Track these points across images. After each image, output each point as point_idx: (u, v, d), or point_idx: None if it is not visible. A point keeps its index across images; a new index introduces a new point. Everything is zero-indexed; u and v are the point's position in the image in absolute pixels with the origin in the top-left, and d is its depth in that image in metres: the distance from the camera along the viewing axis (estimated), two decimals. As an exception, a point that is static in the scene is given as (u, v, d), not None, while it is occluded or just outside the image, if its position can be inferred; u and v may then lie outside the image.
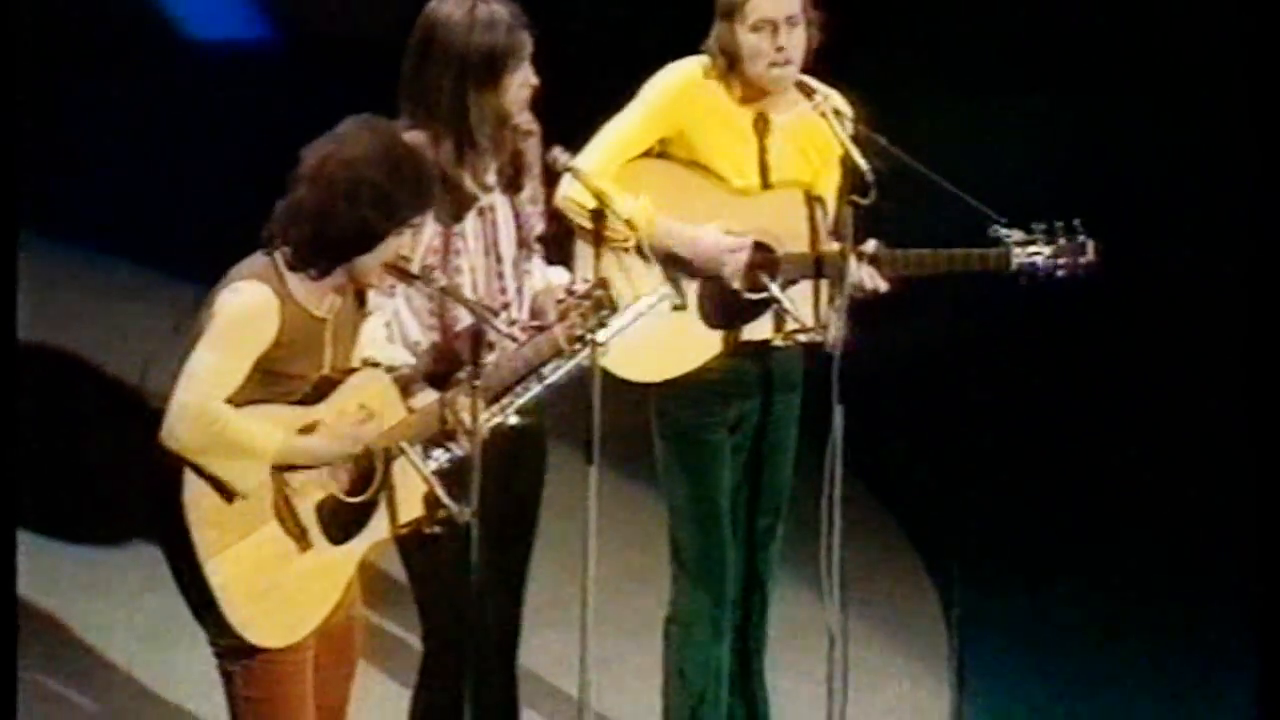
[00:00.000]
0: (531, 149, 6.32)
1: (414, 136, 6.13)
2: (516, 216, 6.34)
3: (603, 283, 6.09)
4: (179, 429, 5.63)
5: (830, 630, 6.66)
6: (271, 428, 5.67)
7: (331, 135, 5.77)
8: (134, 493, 5.99)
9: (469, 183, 6.24)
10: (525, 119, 6.29)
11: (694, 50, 6.63)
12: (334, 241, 5.72)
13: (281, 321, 5.71)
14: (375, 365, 5.91)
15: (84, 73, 10.88)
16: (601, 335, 6.07)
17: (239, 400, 5.67)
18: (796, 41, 6.53)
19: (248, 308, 5.70)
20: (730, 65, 6.57)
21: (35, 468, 8.24)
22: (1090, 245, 6.70)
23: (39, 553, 7.92)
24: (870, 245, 6.60)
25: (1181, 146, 10.20)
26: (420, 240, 6.13)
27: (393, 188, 5.72)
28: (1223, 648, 7.67)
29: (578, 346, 6.06)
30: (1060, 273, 6.69)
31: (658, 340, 6.50)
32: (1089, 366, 9.17)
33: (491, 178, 6.29)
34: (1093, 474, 8.76)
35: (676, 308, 6.40)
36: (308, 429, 5.73)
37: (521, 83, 6.21)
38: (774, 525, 6.77)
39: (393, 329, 6.18)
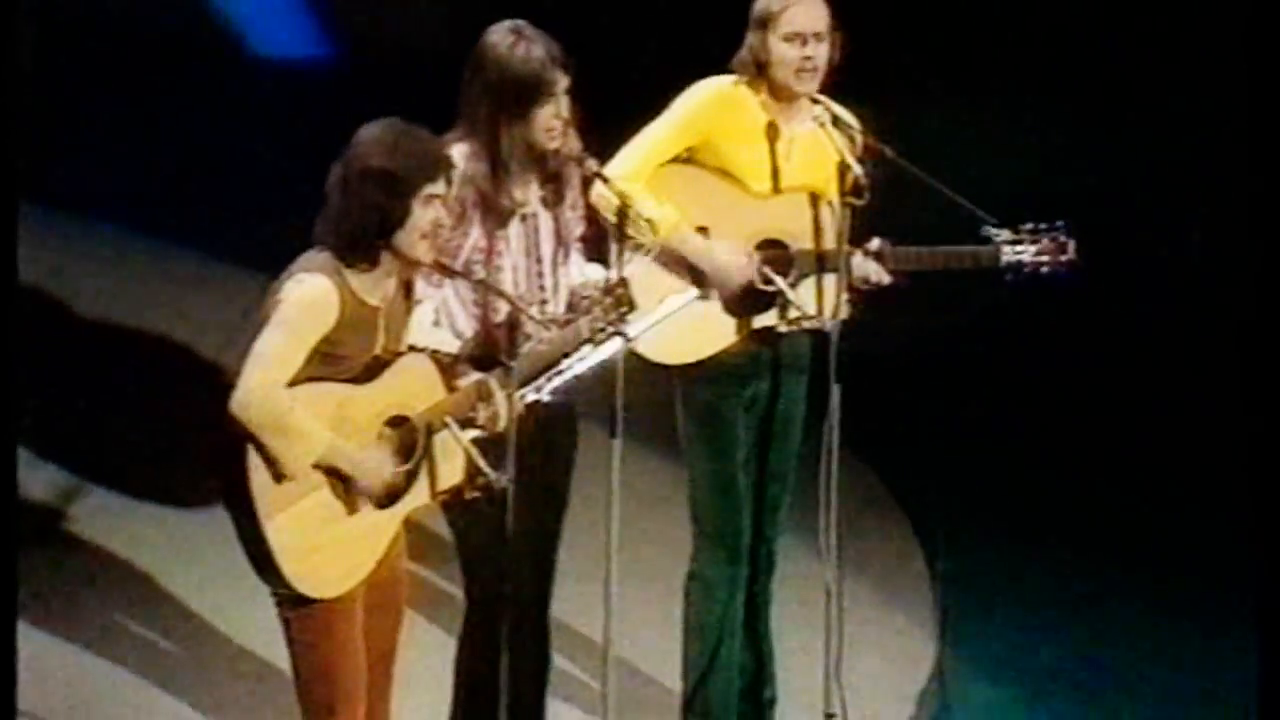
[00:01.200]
0: (573, 170, 6.27)
1: (459, 148, 6.13)
2: (556, 221, 6.30)
3: (622, 281, 6.08)
4: (246, 404, 5.61)
5: (828, 586, 6.65)
6: (318, 431, 5.64)
7: (349, 144, 5.78)
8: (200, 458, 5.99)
9: (504, 199, 6.20)
10: (573, 147, 6.23)
11: (714, 68, 6.60)
12: (362, 229, 5.71)
13: (340, 309, 5.70)
14: (422, 350, 5.89)
15: (156, 87, 10.88)
16: (636, 329, 6.10)
17: (300, 376, 5.65)
18: (821, 54, 6.53)
19: (310, 297, 5.68)
20: (759, 71, 6.56)
21: (127, 436, 8.27)
22: (1071, 244, 6.69)
23: (125, 511, 7.95)
24: (875, 243, 6.61)
25: (1176, 154, 10.20)
26: (467, 240, 6.12)
27: (395, 166, 5.70)
28: (1207, 599, 7.67)
29: (600, 337, 6.04)
30: (1044, 268, 6.69)
31: (682, 328, 6.52)
32: (1069, 347, 9.16)
33: (531, 195, 6.25)
34: (1070, 441, 8.74)
35: (701, 298, 6.46)
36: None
37: (552, 115, 6.15)
38: (782, 492, 6.76)
39: (440, 316, 6.15)
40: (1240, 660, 6.79)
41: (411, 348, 5.87)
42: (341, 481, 5.71)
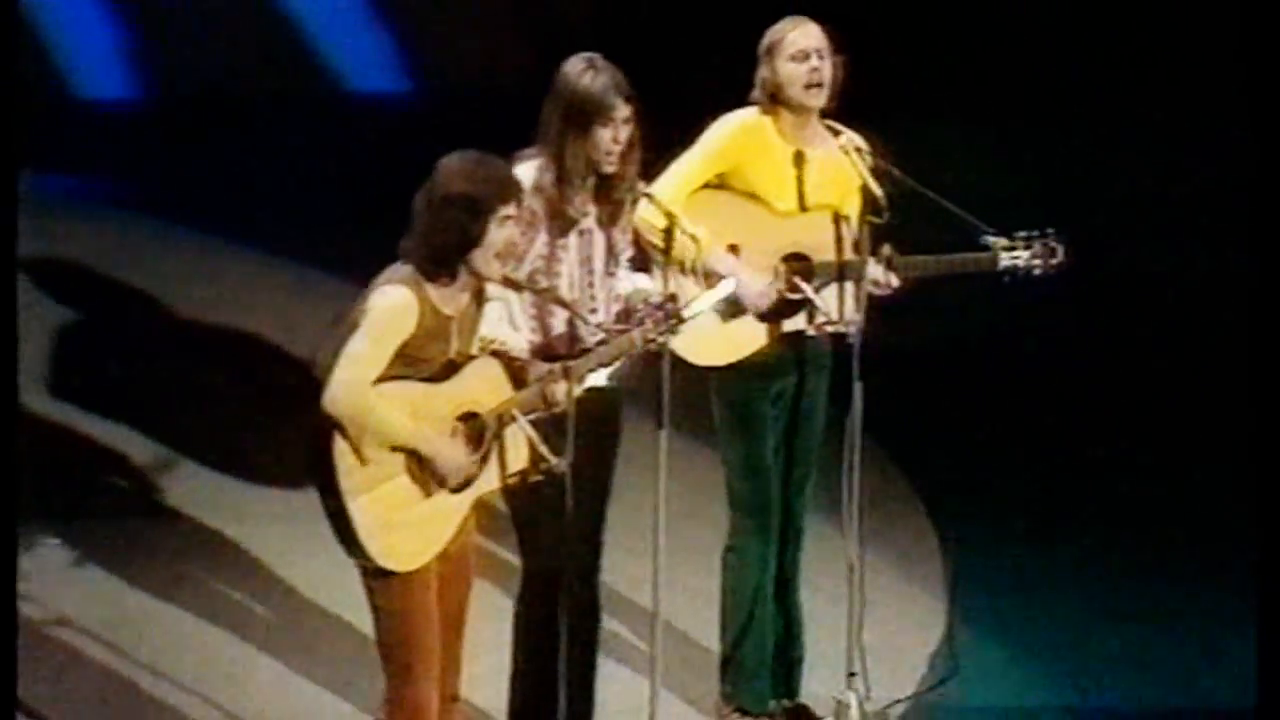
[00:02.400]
0: (628, 197, 6.27)
1: (533, 162, 6.15)
2: (608, 239, 6.30)
3: (673, 297, 6.10)
4: (337, 398, 5.64)
5: (850, 559, 6.67)
6: (401, 420, 5.66)
7: (432, 172, 5.79)
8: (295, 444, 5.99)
9: (568, 208, 6.20)
10: (630, 172, 6.22)
11: (742, 100, 6.61)
12: (443, 247, 5.73)
13: (419, 318, 5.72)
14: (493, 342, 5.91)
15: (269, 120, 10.91)
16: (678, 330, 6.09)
17: (384, 376, 5.68)
18: (825, 69, 6.51)
19: (393, 306, 5.71)
20: (774, 97, 6.55)
21: (231, 424, 8.28)
22: (1060, 249, 6.68)
23: (226, 490, 7.96)
24: (885, 250, 6.60)
25: (1175, 168, 10.16)
26: (534, 246, 6.13)
27: (473, 191, 5.71)
28: (1204, 566, 7.61)
29: (651, 347, 6.05)
30: (1036, 271, 6.68)
31: (717, 332, 6.53)
32: (1070, 342, 9.13)
33: (590, 211, 6.25)
34: (1073, 425, 8.70)
35: (733, 309, 6.47)
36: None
37: (611, 139, 6.16)
38: (807, 476, 6.76)
39: (507, 314, 6.15)
40: (1239, 623, 6.71)
41: (485, 342, 5.89)
42: (420, 468, 5.72)
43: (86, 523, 7.72)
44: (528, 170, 6.15)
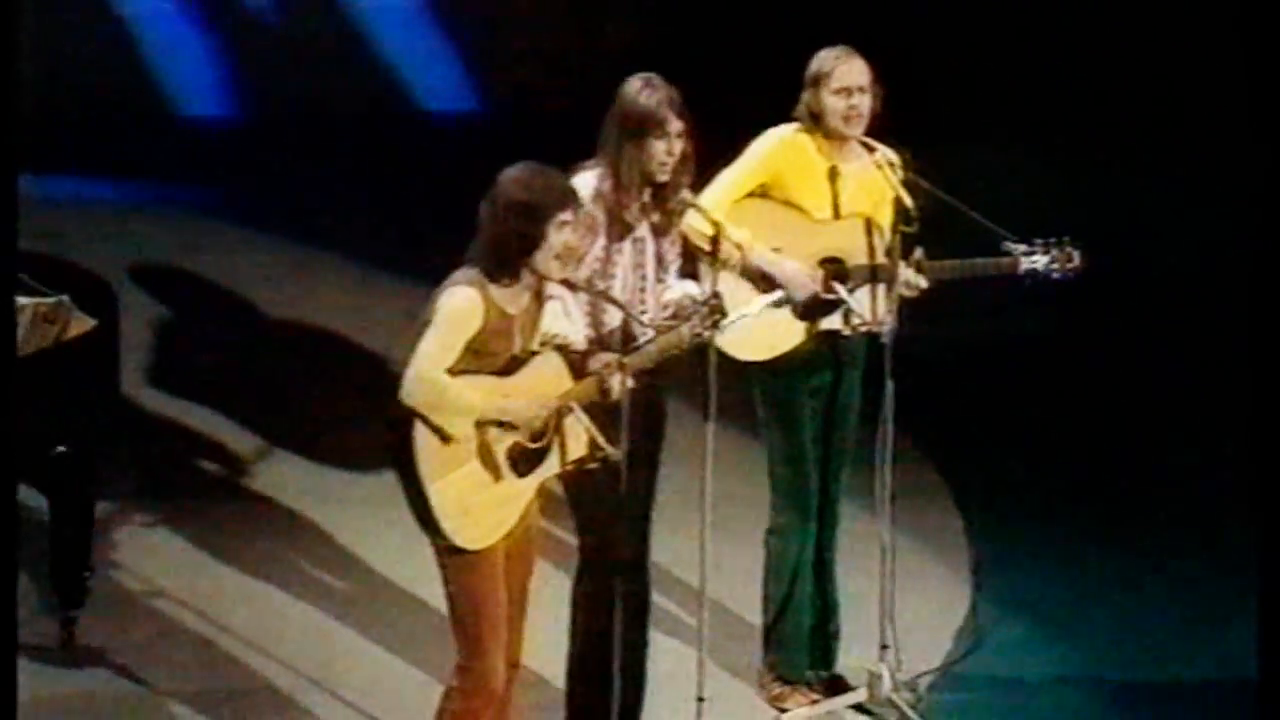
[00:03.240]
0: (679, 210, 6.28)
1: (594, 171, 6.16)
2: (659, 248, 6.31)
3: (716, 295, 6.09)
4: (412, 390, 5.67)
5: (883, 542, 6.68)
6: (476, 394, 5.69)
7: (494, 182, 5.81)
8: (374, 433, 6.00)
9: (625, 214, 6.21)
10: (682, 184, 6.23)
11: (784, 117, 6.61)
12: (505, 251, 5.74)
13: (485, 317, 5.74)
14: (555, 337, 5.93)
15: (352, 135, 10.94)
16: (726, 323, 6.10)
17: (454, 370, 5.70)
18: (865, 104, 6.51)
19: (461, 306, 5.73)
20: (815, 121, 6.55)
21: (315, 413, 8.30)
22: (1076, 254, 6.67)
23: (309, 474, 7.97)
24: (915, 254, 6.59)
25: (1181, 177, 10.14)
26: (593, 249, 6.14)
27: (531, 198, 5.72)
28: (1209, 550, 7.57)
29: (699, 341, 6.05)
30: (1054, 274, 6.67)
31: (760, 330, 6.51)
32: (1083, 342, 9.10)
33: (644, 220, 6.26)
34: (1088, 418, 8.66)
35: (776, 305, 6.46)
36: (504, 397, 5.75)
37: (664, 151, 6.16)
38: (843, 464, 6.75)
39: (564, 311, 6.15)
40: (1240, 602, 6.71)
41: (547, 336, 5.91)
42: (490, 456, 5.74)
43: (181, 503, 7.76)
44: (589, 179, 6.17)
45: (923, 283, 6.59)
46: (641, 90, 6.19)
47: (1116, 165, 10.54)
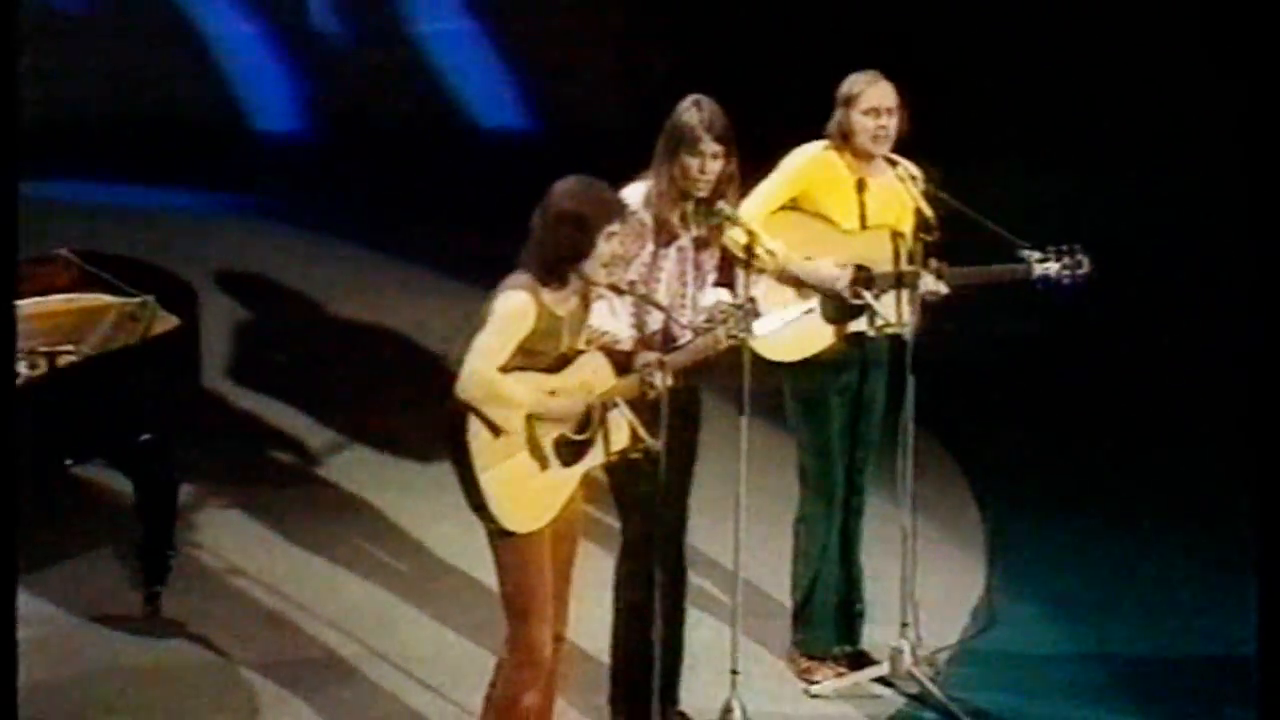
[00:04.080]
0: (720, 226, 6.26)
1: (645, 183, 6.14)
2: (699, 258, 6.29)
3: (752, 299, 6.09)
4: (468, 386, 5.66)
5: (904, 527, 6.67)
6: (526, 390, 5.68)
7: (547, 192, 5.79)
8: (431, 425, 6.01)
9: (668, 221, 6.20)
10: (720, 206, 6.20)
11: (815, 135, 6.60)
12: (557, 258, 5.72)
13: (536, 318, 5.73)
14: (601, 334, 5.92)
15: (411, 149, 10.95)
16: (758, 331, 6.08)
17: (506, 368, 5.69)
18: (892, 125, 6.49)
19: (514, 308, 5.72)
20: (844, 139, 6.53)
21: (377, 406, 8.31)
22: (1085, 260, 6.64)
23: (371, 462, 7.98)
24: (935, 263, 6.57)
25: (1180, 193, 10.11)
26: (640, 255, 6.12)
27: (582, 209, 5.70)
28: (1213, 536, 7.52)
29: (733, 342, 6.04)
30: (1065, 280, 6.64)
31: (791, 333, 6.51)
32: (1092, 342, 9.06)
33: (687, 232, 6.25)
34: (1098, 411, 8.63)
35: (807, 311, 6.46)
36: (551, 394, 5.74)
37: (697, 168, 6.15)
38: (867, 456, 6.73)
39: (613, 311, 6.15)
40: (1240, 586, 6.64)
41: (593, 335, 5.91)
42: (538, 447, 5.72)
43: (256, 488, 7.77)
44: (640, 188, 6.17)
45: (943, 289, 6.57)
46: (687, 110, 6.18)
47: (1122, 177, 10.51)
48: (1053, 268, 6.63)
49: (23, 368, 6.52)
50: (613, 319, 6.07)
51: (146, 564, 6.87)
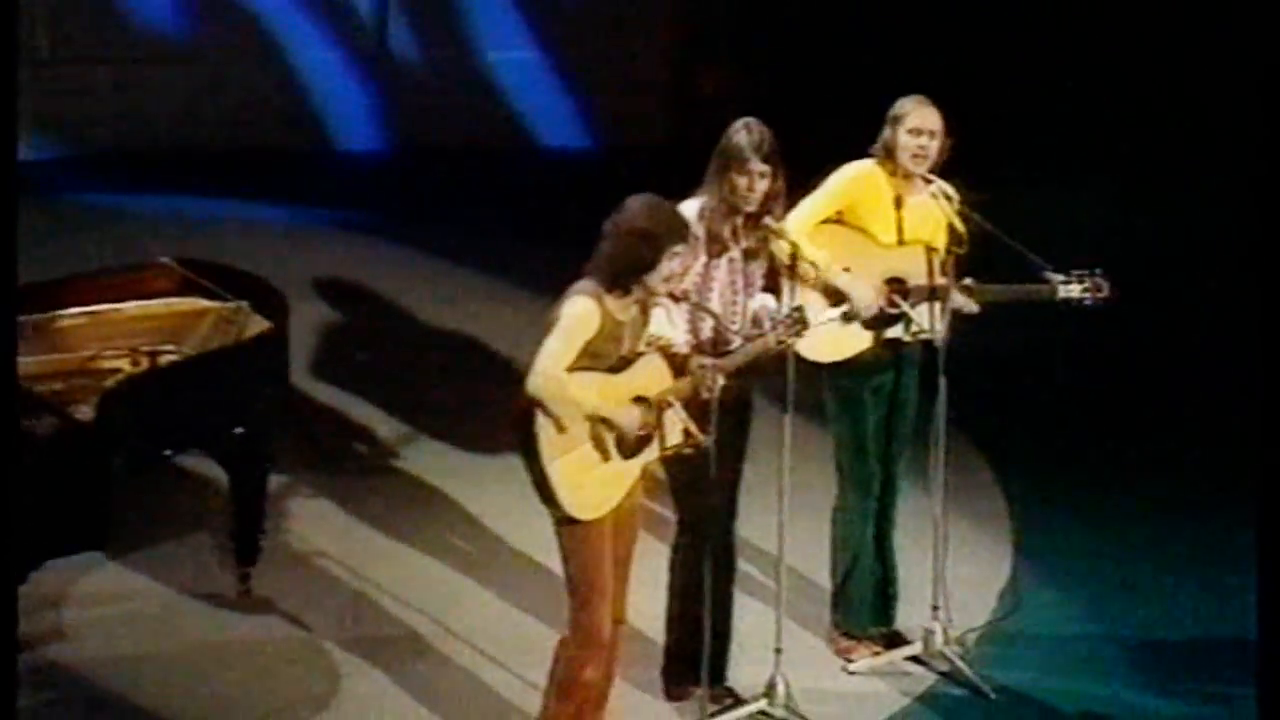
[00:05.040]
0: (767, 238, 6.24)
1: (696, 198, 6.12)
2: (748, 268, 6.28)
3: (799, 308, 6.07)
4: (536, 384, 5.64)
5: (935, 517, 6.63)
6: (590, 395, 5.66)
7: (619, 207, 5.78)
8: (502, 420, 6.00)
9: (719, 234, 6.18)
10: (767, 220, 6.19)
11: (859, 153, 6.58)
12: (624, 270, 5.71)
13: (600, 322, 5.71)
14: (660, 340, 5.89)
15: (484, 166, 10.95)
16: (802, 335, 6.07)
17: (572, 368, 5.67)
18: (933, 147, 6.46)
19: (581, 313, 5.70)
20: (888, 154, 6.50)
21: (452, 403, 8.31)
22: (1106, 284, 6.59)
23: (450, 454, 7.94)
24: (967, 281, 6.54)
25: (1203, 221, 10.07)
26: (691, 270, 6.09)
27: (656, 229, 5.69)
28: (1222, 525, 7.44)
29: (782, 347, 6.04)
30: (1087, 300, 6.60)
31: (831, 337, 6.48)
32: (1109, 351, 8.98)
33: (738, 244, 6.23)
34: (1107, 416, 8.56)
35: (844, 319, 6.44)
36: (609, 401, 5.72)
37: (745, 185, 6.14)
38: (901, 451, 6.70)
39: (667, 318, 6.12)
40: (1242, 575, 6.62)
41: (653, 340, 5.89)
42: (600, 440, 5.71)
43: (340, 478, 7.78)
44: (694, 204, 6.15)
45: (973, 307, 6.53)
46: (738, 132, 6.16)
47: (1147, 196, 10.46)
48: (1075, 290, 6.58)
49: (126, 364, 6.55)
50: (670, 326, 6.04)
51: (239, 546, 6.88)
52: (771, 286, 6.31)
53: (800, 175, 6.41)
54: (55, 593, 6.68)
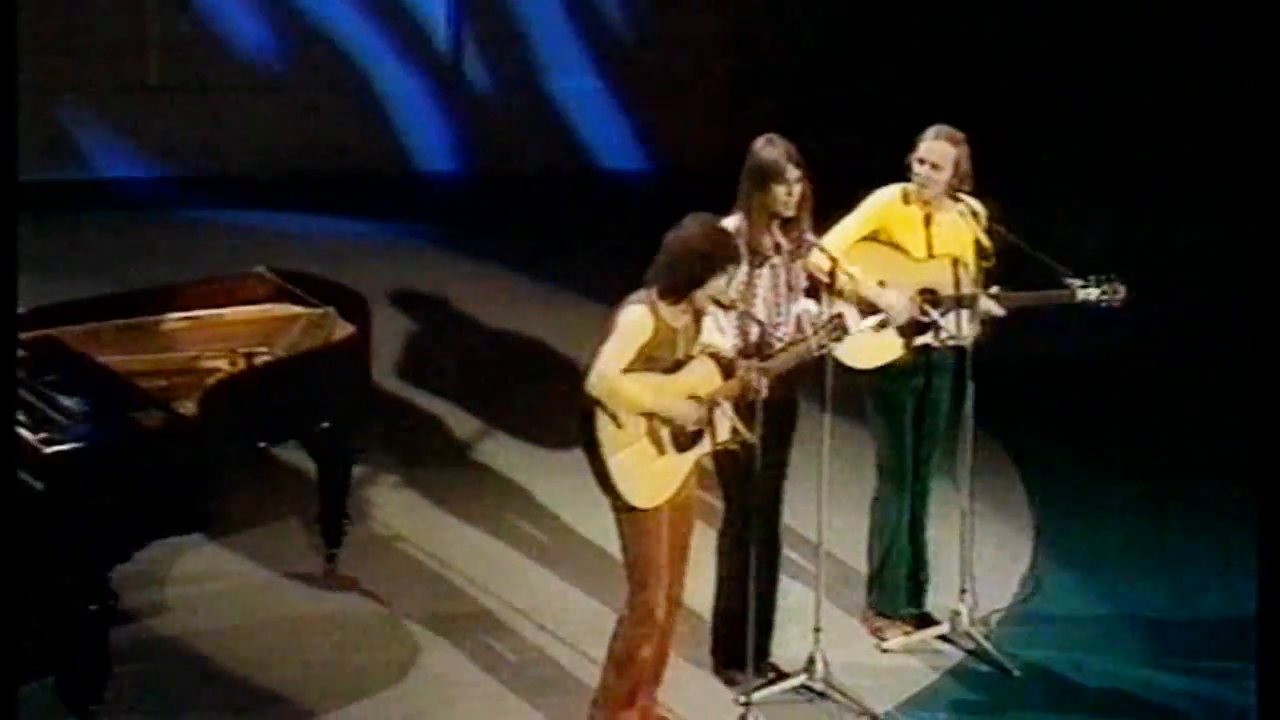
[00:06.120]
0: (803, 243, 6.22)
1: (734, 216, 6.10)
2: (789, 273, 6.26)
3: (839, 315, 6.06)
4: (597, 385, 5.65)
5: (963, 508, 6.61)
6: (647, 394, 5.65)
7: (677, 225, 5.77)
8: (567, 418, 5.99)
9: (760, 245, 6.16)
10: (805, 222, 6.17)
11: (896, 173, 6.56)
12: (679, 283, 5.70)
13: (654, 329, 5.71)
14: (710, 347, 5.87)
15: (543, 186, 10.94)
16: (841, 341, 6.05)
17: (629, 369, 5.67)
18: (939, 176, 6.42)
19: (637, 320, 5.71)
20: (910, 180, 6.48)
21: (521, 401, 8.30)
22: (1122, 288, 6.55)
23: (521, 449, 7.92)
24: (994, 289, 6.51)
25: (1203, 228, 9.97)
26: (736, 279, 6.05)
27: (714, 250, 5.68)
28: (1231, 517, 7.35)
29: (822, 352, 6.02)
30: (1103, 304, 6.55)
31: (870, 345, 6.47)
32: (1124, 356, 8.91)
33: (778, 251, 6.21)
34: (1119, 416, 8.48)
35: (882, 325, 6.40)
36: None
37: (785, 193, 6.12)
38: (933, 448, 6.67)
39: (716, 324, 6.10)
40: (1245, 559, 6.55)
41: (704, 347, 5.87)
42: (655, 436, 5.70)
43: (418, 469, 7.78)
44: (732, 223, 6.11)
45: (1000, 311, 6.51)
46: (765, 147, 6.14)
47: (1156, 212, 10.38)
48: (1093, 294, 6.55)
49: (225, 364, 6.57)
50: (719, 334, 6.03)
51: (326, 530, 6.89)
52: (812, 291, 6.30)
53: (844, 194, 6.39)
54: (160, 570, 6.72)
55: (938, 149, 6.45)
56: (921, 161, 6.43)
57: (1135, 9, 10.79)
